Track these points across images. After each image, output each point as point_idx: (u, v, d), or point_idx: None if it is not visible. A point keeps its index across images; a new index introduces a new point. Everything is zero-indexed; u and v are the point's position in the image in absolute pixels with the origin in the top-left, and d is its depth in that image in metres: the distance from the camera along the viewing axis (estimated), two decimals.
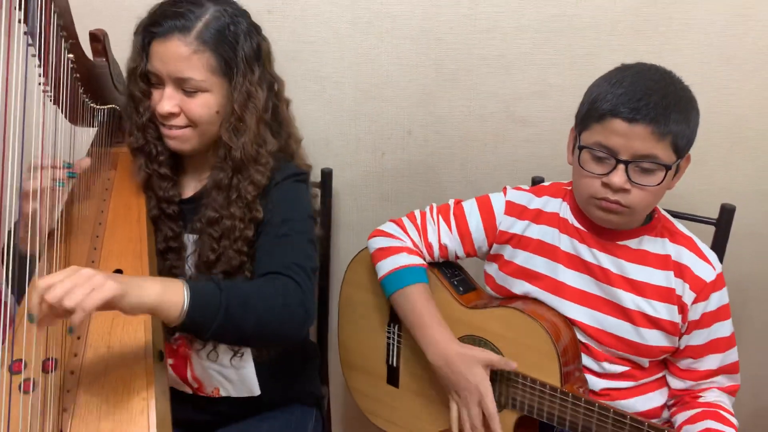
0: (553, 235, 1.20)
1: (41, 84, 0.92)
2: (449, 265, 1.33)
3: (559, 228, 1.20)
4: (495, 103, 1.50)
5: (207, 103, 1.12)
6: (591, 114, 1.07)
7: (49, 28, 0.91)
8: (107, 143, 1.29)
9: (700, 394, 1.15)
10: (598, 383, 1.17)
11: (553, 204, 1.23)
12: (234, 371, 1.23)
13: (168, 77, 1.10)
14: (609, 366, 1.16)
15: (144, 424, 0.84)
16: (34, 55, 0.86)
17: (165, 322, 0.91)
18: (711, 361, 1.14)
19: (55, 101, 0.96)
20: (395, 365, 1.34)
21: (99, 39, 1.13)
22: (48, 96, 0.94)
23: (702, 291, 1.10)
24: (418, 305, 1.21)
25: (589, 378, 1.17)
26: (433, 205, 1.33)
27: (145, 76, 1.13)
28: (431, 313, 1.21)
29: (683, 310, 1.11)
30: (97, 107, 1.20)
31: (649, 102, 1.00)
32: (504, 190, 1.29)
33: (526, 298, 1.23)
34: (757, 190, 1.48)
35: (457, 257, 1.31)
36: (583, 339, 1.17)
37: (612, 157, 1.04)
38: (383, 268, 1.26)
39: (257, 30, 1.19)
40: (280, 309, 1.00)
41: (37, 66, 0.89)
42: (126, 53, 1.18)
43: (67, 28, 0.99)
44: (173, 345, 1.22)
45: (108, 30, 1.18)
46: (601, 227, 1.15)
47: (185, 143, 1.16)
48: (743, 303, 1.56)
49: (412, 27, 1.46)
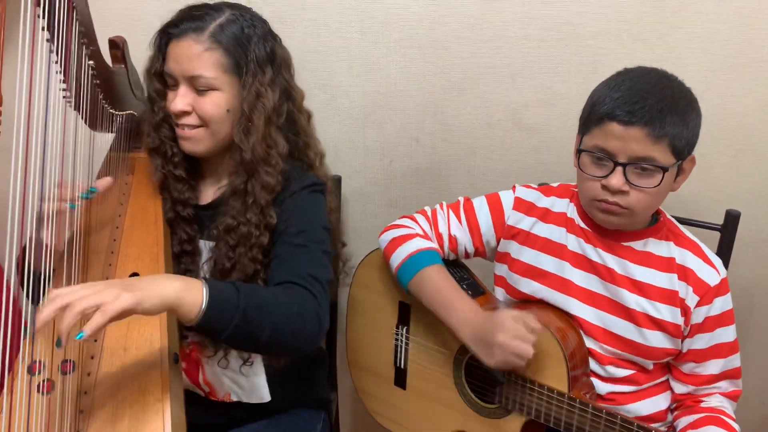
0: (561, 234, 1.22)
1: (62, 90, 0.93)
2: (458, 269, 1.34)
3: (567, 228, 1.22)
4: (501, 111, 1.52)
5: (218, 102, 1.14)
6: (591, 118, 1.09)
7: (71, 35, 0.92)
8: (125, 149, 1.30)
9: (702, 399, 1.16)
10: (603, 387, 1.17)
11: (561, 204, 1.25)
12: (244, 378, 1.24)
13: (181, 76, 1.13)
14: (613, 369, 1.16)
15: (159, 425, 0.85)
16: (56, 62, 0.87)
17: (182, 320, 0.91)
18: (713, 366, 1.14)
19: (76, 107, 0.98)
20: (403, 367, 1.35)
21: (118, 46, 1.15)
22: (68, 102, 0.95)
23: (705, 295, 1.11)
24: (438, 285, 1.20)
25: (595, 382, 1.17)
26: (444, 203, 1.34)
27: (162, 77, 1.16)
28: (453, 289, 1.19)
29: (686, 312, 1.12)
30: (116, 113, 1.21)
31: (645, 105, 1.02)
32: (513, 187, 1.31)
33: (533, 303, 1.24)
34: (762, 195, 1.49)
35: (467, 253, 1.32)
36: (589, 342, 1.18)
37: (610, 160, 1.06)
38: (397, 258, 1.25)
39: (274, 37, 1.21)
40: (295, 318, 1.00)
41: (58, 72, 0.91)
42: (142, 61, 1.20)
43: (88, 35, 1.00)
44: (186, 349, 1.23)
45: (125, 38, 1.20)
46: (607, 228, 1.16)
47: (198, 144, 1.17)
48: (749, 309, 1.56)
49: (420, 37, 1.48)
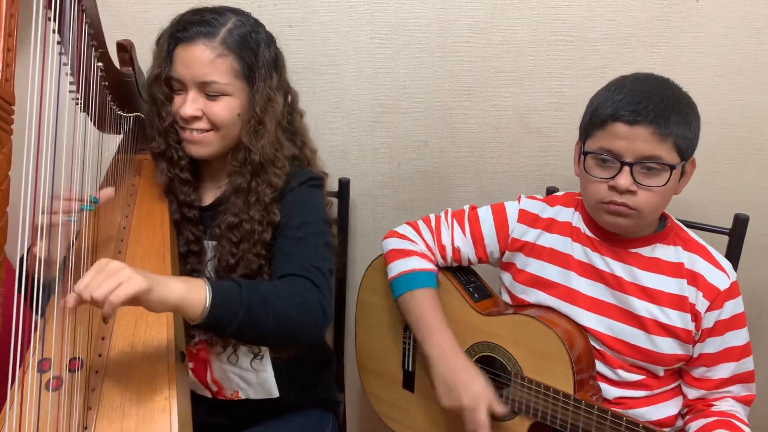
0: (566, 244, 1.22)
1: (72, 92, 0.94)
2: (465, 272, 1.35)
3: (572, 237, 1.21)
4: (510, 115, 1.52)
5: (229, 106, 1.15)
6: (593, 122, 1.09)
7: (81, 37, 0.94)
8: (132, 150, 1.32)
9: (713, 402, 1.15)
10: (612, 392, 1.17)
11: (566, 213, 1.24)
12: (254, 374, 1.25)
13: (192, 81, 1.14)
14: (624, 374, 1.16)
15: (166, 422, 0.86)
16: (65, 64, 0.89)
17: (188, 319, 0.92)
18: (724, 370, 1.13)
19: (85, 109, 0.99)
20: (411, 370, 1.35)
21: (126, 49, 1.16)
22: (77, 104, 0.96)
23: (716, 299, 1.11)
24: (424, 309, 1.22)
25: (604, 386, 1.17)
26: (448, 210, 1.34)
27: (168, 81, 1.17)
28: (436, 318, 1.21)
29: (696, 317, 1.11)
30: (124, 115, 1.23)
31: (649, 104, 1.03)
32: (518, 198, 1.31)
33: (540, 306, 1.23)
34: None
35: (470, 262, 1.32)
36: (597, 346, 1.17)
37: (616, 161, 1.06)
38: (394, 269, 1.28)
39: (274, 40, 1.23)
40: (298, 308, 1.01)
41: (68, 74, 0.92)
42: (149, 64, 1.22)
43: (97, 37, 1.01)
44: (193, 349, 1.24)
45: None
46: (613, 235, 1.16)
47: (206, 147, 1.18)
48: (757, 313, 1.55)
49: (429, 40, 1.49)
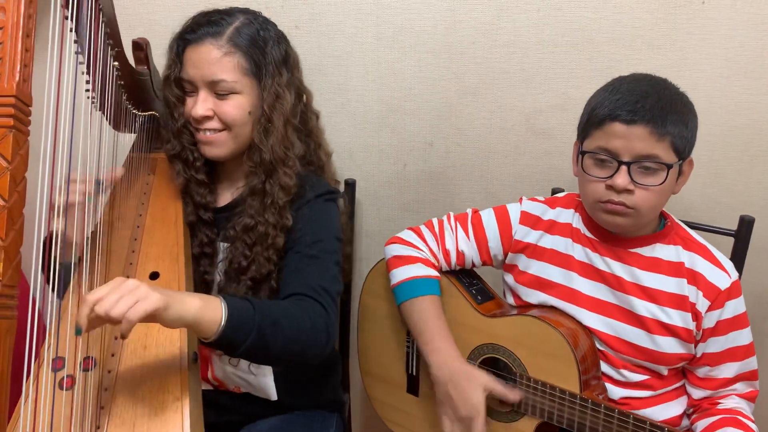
0: (567, 245, 1.22)
1: (88, 90, 0.94)
2: (467, 275, 1.35)
3: (572, 238, 1.22)
4: (515, 116, 1.53)
5: (240, 105, 1.16)
6: (591, 121, 1.10)
7: (97, 36, 0.94)
8: (146, 149, 1.32)
9: (719, 401, 1.15)
10: (617, 392, 1.17)
11: (566, 215, 1.25)
12: (253, 377, 1.25)
13: (201, 81, 1.14)
14: (628, 374, 1.16)
15: (178, 422, 0.87)
16: (82, 63, 0.89)
17: (200, 337, 0.93)
18: (729, 370, 1.14)
19: (100, 107, 0.99)
20: (415, 374, 1.35)
21: (142, 48, 1.16)
22: (93, 103, 0.96)
23: (716, 299, 1.11)
24: (427, 316, 1.23)
25: (608, 387, 1.17)
26: (451, 214, 1.35)
27: (179, 83, 1.17)
28: (439, 326, 1.22)
29: (697, 317, 1.12)
30: (139, 113, 1.23)
31: (645, 104, 1.04)
32: (520, 200, 1.32)
33: (543, 306, 1.24)
34: None
35: (474, 265, 1.33)
36: (600, 347, 1.18)
37: (614, 160, 1.06)
38: (397, 276, 1.28)
39: (285, 39, 1.23)
40: (306, 331, 1.03)
41: (84, 73, 0.92)
42: (159, 66, 1.22)
43: (113, 36, 1.02)
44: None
45: None
46: (613, 236, 1.17)
47: (220, 147, 1.19)
48: (764, 315, 1.55)
49: (435, 41, 1.49)
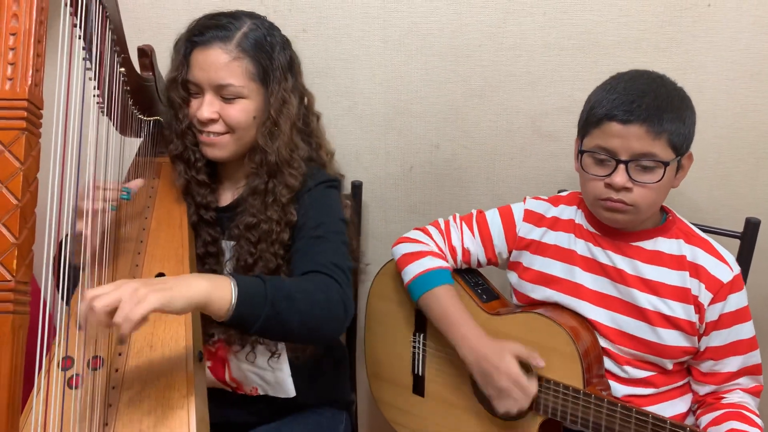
0: (569, 240, 1.24)
1: (95, 96, 0.96)
2: (472, 275, 1.36)
3: (575, 233, 1.23)
4: (521, 119, 1.53)
5: (245, 109, 1.17)
6: (589, 120, 1.12)
7: (104, 43, 0.95)
8: (152, 153, 1.34)
9: (723, 395, 1.16)
10: (620, 389, 1.18)
11: (569, 212, 1.27)
12: (271, 373, 1.26)
13: (208, 84, 1.15)
14: (632, 370, 1.17)
15: (184, 420, 0.88)
16: (89, 69, 0.91)
17: (214, 317, 0.93)
18: (732, 364, 1.14)
19: (107, 113, 1.00)
20: (421, 374, 1.36)
21: (147, 54, 1.18)
22: (101, 108, 0.98)
23: (719, 291, 1.12)
24: (447, 305, 1.24)
25: (612, 384, 1.18)
26: (457, 215, 1.37)
27: (185, 85, 1.19)
28: (461, 312, 1.23)
29: (700, 310, 1.12)
30: (144, 118, 1.25)
31: (642, 103, 1.05)
32: (524, 199, 1.33)
33: (547, 304, 1.25)
34: None
35: (479, 263, 1.34)
36: (604, 343, 1.18)
37: (612, 159, 1.08)
38: (409, 272, 1.29)
39: (289, 43, 1.25)
40: (322, 304, 1.02)
41: (92, 79, 0.93)
42: (164, 69, 1.24)
43: (120, 42, 1.03)
44: (212, 348, 1.26)
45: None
46: (615, 230, 1.18)
47: (222, 150, 1.20)
48: None
49: (441, 45, 1.50)
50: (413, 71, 1.53)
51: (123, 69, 1.05)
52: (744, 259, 1.31)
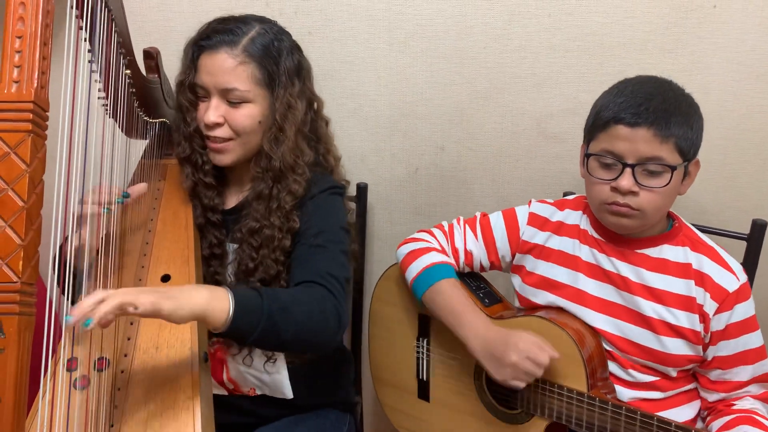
0: (574, 246, 1.23)
1: (101, 98, 0.97)
2: (474, 278, 1.36)
3: (579, 239, 1.23)
4: (527, 120, 1.53)
5: (251, 114, 1.17)
6: (596, 124, 1.11)
7: (110, 45, 0.96)
8: (157, 155, 1.34)
9: (733, 402, 1.15)
10: (626, 393, 1.17)
11: (574, 216, 1.26)
12: (268, 376, 1.26)
13: (214, 88, 1.16)
14: (636, 374, 1.16)
15: (190, 421, 0.88)
16: (95, 71, 0.91)
17: (210, 328, 0.94)
18: (742, 373, 1.13)
19: (113, 115, 1.01)
20: (425, 379, 1.36)
21: (152, 56, 1.19)
22: (106, 110, 0.99)
23: (725, 301, 1.10)
24: (451, 297, 1.22)
25: (618, 388, 1.17)
26: (460, 217, 1.37)
27: (193, 88, 1.19)
28: (465, 302, 1.22)
29: (705, 319, 1.11)
30: (150, 120, 1.25)
31: (649, 107, 1.04)
32: (529, 202, 1.33)
33: (550, 307, 1.25)
34: None
35: (482, 267, 1.34)
36: (608, 347, 1.18)
37: (618, 162, 1.07)
38: (412, 270, 1.28)
39: (298, 48, 1.25)
40: (316, 316, 1.03)
41: (98, 81, 0.94)
42: (174, 72, 1.24)
43: (125, 45, 1.04)
44: (210, 349, 1.26)
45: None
46: (620, 236, 1.17)
47: (228, 155, 1.21)
48: None
49: (446, 47, 1.50)
50: (418, 73, 1.54)
51: (128, 71, 1.06)
52: (750, 262, 1.31)
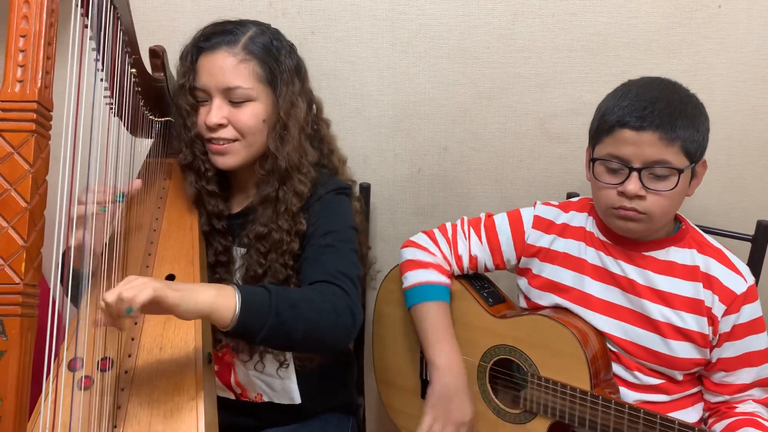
0: (579, 248, 1.22)
1: (106, 97, 0.96)
2: (478, 278, 1.36)
3: (585, 241, 1.22)
4: (530, 121, 1.53)
5: (255, 112, 1.16)
6: (601, 128, 1.10)
7: (116, 44, 0.96)
8: (163, 154, 1.34)
9: (736, 405, 1.15)
10: (630, 395, 1.17)
11: (580, 218, 1.25)
12: (279, 381, 1.26)
13: (216, 89, 1.15)
14: (642, 376, 1.16)
15: (193, 422, 0.88)
16: (100, 70, 0.91)
17: (217, 326, 0.93)
18: (745, 375, 1.13)
19: (118, 113, 1.01)
20: (428, 379, 1.35)
21: (158, 55, 1.18)
22: (111, 109, 0.98)
23: (733, 303, 1.10)
24: (436, 320, 1.24)
25: (622, 390, 1.17)
26: (465, 218, 1.35)
27: (193, 92, 1.18)
28: (446, 330, 1.23)
29: (713, 322, 1.11)
30: (155, 119, 1.25)
31: (654, 110, 1.03)
32: (534, 204, 1.32)
33: (554, 307, 1.24)
34: None
35: (486, 269, 1.33)
36: (614, 348, 1.17)
37: (625, 166, 1.07)
38: (409, 279, 1.29)
39: (295, 50, 1.25)
40: (328, 314, 1.02)
41: (103, 80, 0.94)
42: (175, 72, 1.24)
43: (131, 43, 1.03)
44: (219, 353, 1.25)
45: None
46: (627, 239, 1.16)
47: (233, 157, 1.18)
48: None
49: (450, 46, 1.50)
50: (421, 73, 1.53)
51: (134, 70, 1.06)
52: (755, 262, 1.30)
